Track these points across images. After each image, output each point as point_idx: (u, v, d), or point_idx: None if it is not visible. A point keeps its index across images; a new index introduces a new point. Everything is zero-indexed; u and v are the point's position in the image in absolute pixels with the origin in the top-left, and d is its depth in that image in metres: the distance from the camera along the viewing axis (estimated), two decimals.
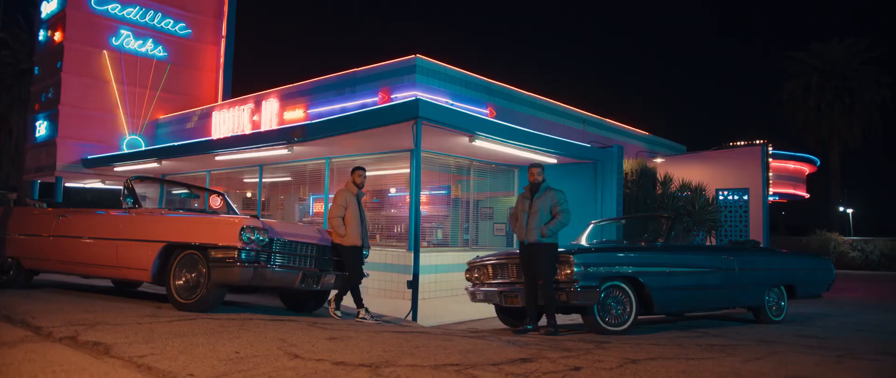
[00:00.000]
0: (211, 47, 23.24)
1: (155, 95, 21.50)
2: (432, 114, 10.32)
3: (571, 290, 7.47)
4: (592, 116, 19.43)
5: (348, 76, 15.23)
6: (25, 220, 9.38)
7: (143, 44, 21.43)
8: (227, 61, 23.09)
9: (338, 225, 8.27)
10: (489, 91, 15.49)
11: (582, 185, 14.27)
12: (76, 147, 19.77)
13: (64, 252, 8.66)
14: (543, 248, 7.66)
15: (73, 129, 19.85)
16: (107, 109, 20.61)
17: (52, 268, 9.06)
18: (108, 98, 20.63)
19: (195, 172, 18.60)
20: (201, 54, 22.97)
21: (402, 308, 10.22)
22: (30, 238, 9.18)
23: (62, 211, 9.08)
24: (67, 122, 19.82)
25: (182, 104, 21.60)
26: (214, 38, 23.34)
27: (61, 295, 8.74)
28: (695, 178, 17.34)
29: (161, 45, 21.87)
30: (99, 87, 20.47)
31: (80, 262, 8.46)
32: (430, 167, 13.89)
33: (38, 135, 20.81)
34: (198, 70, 22.82)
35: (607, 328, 7.65)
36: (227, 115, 18.27)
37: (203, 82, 22.90)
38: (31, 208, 9.55)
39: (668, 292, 8.18)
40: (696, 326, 8.92)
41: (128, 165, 17.89)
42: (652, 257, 8.27)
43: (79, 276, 8.99)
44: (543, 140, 12.74)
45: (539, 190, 7.97)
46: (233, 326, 6.20)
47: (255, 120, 17.29)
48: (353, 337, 6.01)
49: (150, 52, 21.56)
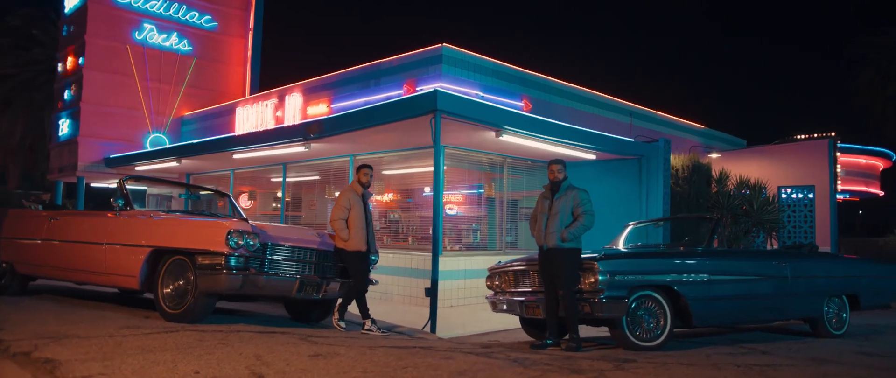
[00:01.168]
0: (238, 40, 23.27)
1: (180, 91, 21.60)
2: (452, 106, 9.95)
3: (596, 300, 7.01)
4: (640, 109, 18.80)
5: (372, 68, 14.97)
6: (18, 223, 9.32)
7: (167, 38, 21.54)
8: (254, 55, 23.08)
9: (340, 228, 7.95)
10: (524, 82, 15.04)
11: (625, 183, 13.75)
12: (98, 146, 19.95)
13: (55, 257, 8.55)
14: (564, 253, 7.21)
15: (96, 128, 20.04)
16: (130, 106, 20.78)
17: (45, 273, 8.96)
18: (131, 95, 20.80)
19: (218, 171, 18.59)
20: (228, 48, 23.01)
21: (425, 317, 9.88)
22: (22, 242, 9.10)
23: (54, 213, 8.97)
24: (89, 119, 20.02)
25: (208, 100, 21.65)
26: (241, 31, 23.36)
27: (52, 303, 8.62)
28: (754, 174, 16.57)
29: (186, 39, 21.95)
30: (122, 84, 20.65)
31: (70, 268, 8.33)
32: (459, 164, 13.54)
33: (60, 134, 21.09)
34: (224, 64, 22.87)
35: (638, 343, 7.17)
36: (250, 112, 18.20)
37: (230, 77, 22.94)
38: (26, 210, 9.47)
39: (708, 303, 7.65)
40: (742, 340, 8.35)
41: (148, 164, 17.96)
42: (690, 263, 7.75)
43: (71, 282, 8.86)
44: (579, 134, 12.25)
45: (560, 189, 7.53)
46: (213, 340, 5.94)
47: (278, 116, 17.18)
48: (342, 353, 5.67)
49: (175, 47, 21.67)
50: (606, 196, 13.76)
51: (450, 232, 14.00)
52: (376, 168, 14.41)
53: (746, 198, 15.61)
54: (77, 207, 19.58)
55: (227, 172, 18.10)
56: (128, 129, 20.55)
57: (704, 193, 15.52)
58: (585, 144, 12.45)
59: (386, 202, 15.28)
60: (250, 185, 18.30)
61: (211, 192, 10.19)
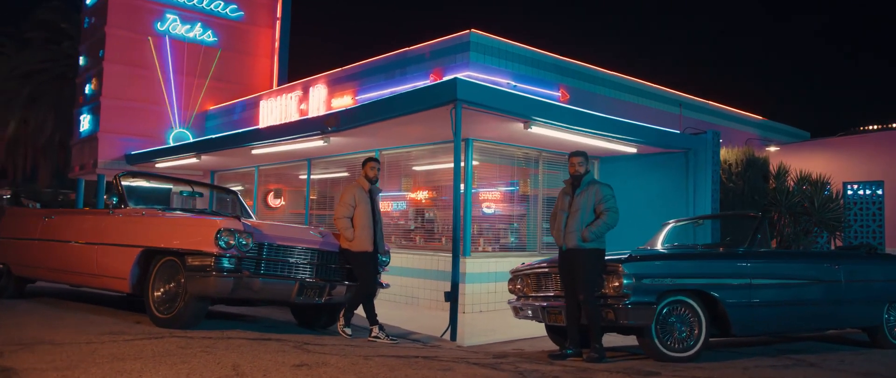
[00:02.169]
0: (265, 30, 23.29)
1: (204, 84, 21.68)
2: (474, 96, 9.67)
3: (620, 306, 6.68)
4: (691, 99, 18.25)
5: (398, 57, 14.78)
6: (14, 223, 9.33)
7: (191, 28, 21.64)
8: (282, 45, 23.07)
9: (344, 226, 7.74)
10: (561, 70, 14.68)
11: (670, 179, 13.32)
12: (119, 142, 20.12)
13: (49, 258, 8.53)
14: (585, 254, 6.90)
15: (116, 123, 20.21)
16: (152, 101, 20.92)
17: (40, 275, 8.96)
18: (153, 88, 20.94)
19: (242, 168, 18.60)
20: (254, 38, 23.05)
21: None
22: (18, 242, 9.11)
23: (49, 211, 8.95)
24: (109, 114, 20.20)
25: (234, 93, 21.68)
26: (269, 21, 23.37)
27: (46, 306, 8.60)
28: (817, 169, 15.92)
29: (210, 30, 22.04)
30: (143, 77, 20.79)
31: (63, 270, 8.30)
32: (491, 159, 13.26)
33: (81, 130, 21.34)
34: (250, 56, 22.91)
35: (668, 353, 6.83)
36: (274, 105, 18.17)
37: (256, 69, 22.97)
38: (22, 209, 9.49)
39: (749, 310, 7.27)
40: (791, 351, 7.93)
41: (168, 161, 18.05)
42: (728, 266, 7.37)
43: (66, 285, 8.83)
44: (618, 125, 11.86)
45: (581, 183, 7.20)
46: (196, 348, 5.80)
47: (303, 109, 17.10)
48: (331, 364, 5.47)
49: (199, 38, 21.76)
50: (649, 193, 13.38)
51: (486, 232, 13.73)
52: (404, 163, 14.26)
53: (807, 194, 15.01)
54: (97, 207, 19.78)
55: (252, 169, 18.08)
56: (149, 125, 20.69)
57: (760, 190, 14.96)
58: (625, 136, 12.04)
59: (421, 200, 15.06)
60: (278, 183, 18.26)
61: (218, 189, 10.05)
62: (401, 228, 14.37)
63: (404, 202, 14.72)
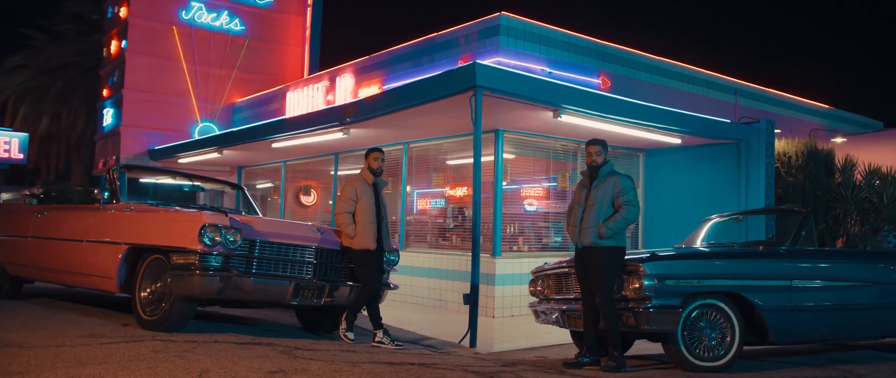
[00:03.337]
0: (295, 18, 23.34)
1: (231, 76, 21.82)
2: (496, 82, 9.44)
3: (641, 310, 6.40)
4: (748, 86, 17.73)
5: (426, 43, 14.65)
6: (9, 220, 9.37)
7: (218, 17, 21.78)
8: (313, 33, 23.10)
9: (345, 223, 7.57)
10: (601, 56, 14.36)
11: (720, 172, 12.91)
12: (142, 137, 20.35)
13: (40, 256, 8.54)
14: (601, 252, 6.62)
15: (139, 117, 20.44)
16: (176, 93, 21.11)
17: (32, 275, 8.99)
18: (177, 80, 21.13)
19: (269, 164, 18.60)
20: (284, 26, 23.12)
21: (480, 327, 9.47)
22: (11, 240, 9.15)
23: (41, 207, 8.97)
24: (132, 108, 20.43)
25: (262, 85, 21.78)
26: (299, 8, 23.42)
27: (39, 307, 8.61)
28: (889, 162, 15.28)
29: (238, 18, 22.15)
30: (167, 68, 20.99)
31: (53, 269, 8.30)
32: (524, 151, 13.00)
33: (104, 124, 21.66)
34: (280, 45, 22.99)
35: (696, 363, 6.54)
36: (301, 96, 18.19)
37: (286, 58, 23.03)
38: (16, 205, 9.54)
39: (789, 315, 6.92)
40: (838, 360, 7.56)
41: (191, 156, 18.13)
42: (766, 266, 7.04)
43: (59, 284, 8.84)
44: (658, 114, 11.49)
45: (599, 175, 6.91)
46: (171, 352, 5.71)
47: (329, 99, 17.06)
48: (310, 371, 5.34)
49: (226, 26, 21.89)
50: (698, 188, 13.00)
51: (527, 230, 13.49)
52: (433, 157, 14.07)
53: (877, 189, 14.43)
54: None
55: (278, 164, 18.09)
56: (174, 119, 20.88)
57: (823, 184, 14.42)
58: (667, 126, 11.66)
59: (460, 197, 14.85)
60: (309, 179, 18.24)
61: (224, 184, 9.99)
62: (439, 227, 14.17)
63: (443, 200, 14.55)
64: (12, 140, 25.77)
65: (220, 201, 10.52)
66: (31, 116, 33.71)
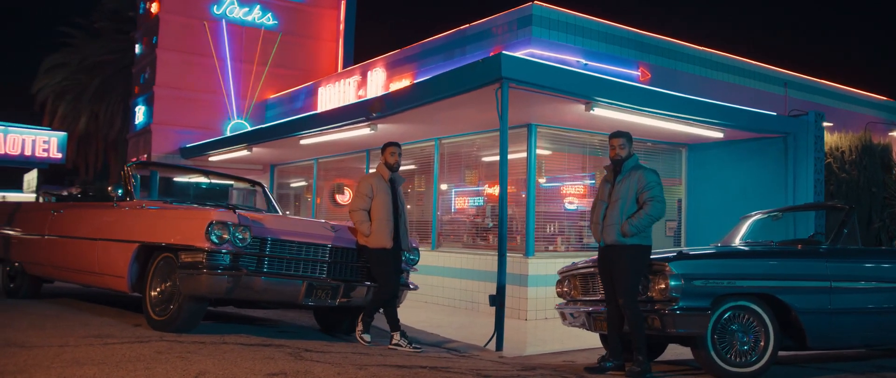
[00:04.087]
0: (329, 12, 23.39)
1: (263, 71, 21.92)
2: (523, 74, 9.29)
3: (667, 312, 6.22)
4: (799, 77, 17.31)
5: (457, 35, 14.56)
6: (27, 218, 9.47)
7: (250, 11, 21.91)
8: (347, 27, 23.12)
9: (360, 220, 7.49)
10: (641, 46, 14.12)
11: (767, 167, 12.61)
12: (173, 135, 20.53)
13: (54, 255, 8.61)
14: (625, 251, 6.45)
15: (170, 114, 20.63)
16: (208, 90, 21.27)
17: (48, 274, 9.07)
18: (209, 77, 21.29)
19: (301, 162, 18.63)
20: (318, 20, 23.17)
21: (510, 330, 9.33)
22: (29, 238, 9.24)
23: (57, 205, 9.05)
24: (163, 105, 20.64)
25: (296, 80, 21.84)
26: (333, 1, 23.42)
27: (55, 307, 8.68)
28: None
29: (270, 12, 22.26)
30: (199, 65, 21.16)
31: (66, 268, 8.36)
32: (560, 147, 12.84)
33: (136, 122, 21.92)
34: (314, 39, 23.05)
35: (727, 368, 6.34)
36: (332, 91, 18.21)
37: (320, 53, 23.08)
38: (35, 203, 9.64)
39: (828, 318, 6.68)
40: (885, 368, 7.30)
41: (221, 154, 18.25)
42: (803, 266, 6.81)
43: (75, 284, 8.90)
44: (698, 106, 11.24)
45: (622, 169, 6.74)
46: (173, 353, 5.72)
47: (361, 94, 17.05)
48: (312, 373, 5.29)
49: (258, 21, 22.01)
50: (743, 184, 12.72)
51: (567, 229, 13.32)
52: (466, 153, 13.96)
53: None
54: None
55: (310, 162, 18.11)
56: (205, 116, 21.04)
57: (880, 180, 14.05)
58: (708, 119, 11.40)
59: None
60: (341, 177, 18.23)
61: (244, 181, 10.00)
62: (477, 227, 14.04)
63: (482, 198, 14.44)
64: (51, 139, 26.16)
65: (252, 200, 10.52)
66: (69, 115, 34.30)
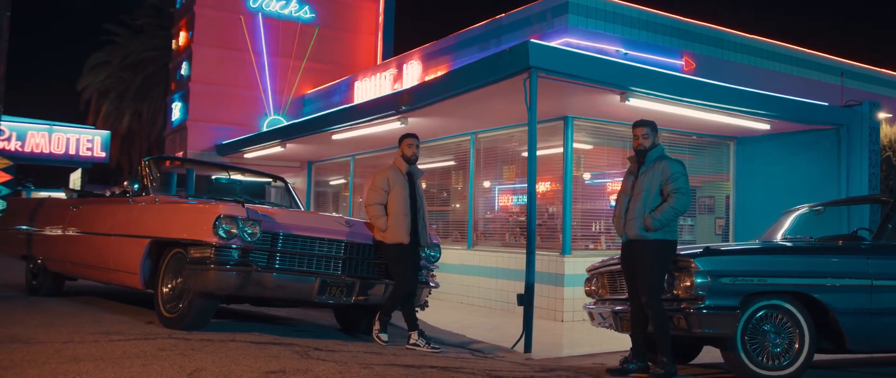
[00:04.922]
0: (368, 4, 23.39)
1: (300, 66, 22.01)
2: (552, 63, 9.11)
3: (692, 311, 6.04)
4: (857, 66, 16.84)
5: (493, 25, 14.45)
6: (49, 214, 9.59)
7: (286, 4, 22.02)
8: (387, 20, 23.12)
9: (376, 214, 7.41)
10: (685, 35, 13.86)
11: (818, 161, 12.28)
12: (209, 131, 20.71)
13: (72, 251, 8.71)
14: (648, 246, 6.27)
15: (206, 110, 20.82)
16: (244, 86, 21.41)
17: (68, 271, 9.16)
18: (245, 72, 21.43)
19: (338, 158, 18.64)
20: (356, 13, 23.20)
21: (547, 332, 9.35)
22: (49, 235, 9.36)
23: (76, 201, 9.15)
24: (199, 101, 20.83)
25: (334, 75, 21.90)
26: None
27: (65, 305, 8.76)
28: None
29: (307, 5, 22.33)
30: (235, 59, 21.31)
31: (84, 264, 8.44)
32: (601, 141, 12.63)
33: (173, 118, 22.18)
34: (352, 32, 23.09)
35: (758, 371, 6.13)
36: (368, 85, 18.23)
37: (359, 47, 23.10)
38: (57, 199, 9.78)
39: (870, 318, 6.43)
40: None
41: (256, 151, 18.35)
42: (842, 263, 6.55)
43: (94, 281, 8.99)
44: (742, 96, 10.95)
45: (646, 160, 6.55)
46: (176, 351, 5.74)
47: (396, 88, 17.01)
48: (313, 372, 5.23)
49: (295, 14, 22.10)
50: (793, 179, 12.40)
51: (610, 229, 13.12)
52: (503, 148, 13.81)
53: None
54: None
55: (347, 159, 18.11)
56: (242, 112, 21.19)
57: None
58: (753, 110, 11.10)
59: (542, 192, 14.56)
60: None
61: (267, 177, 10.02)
62: (520, 225, 13.90)
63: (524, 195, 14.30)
64: (94, 138, 26.67)
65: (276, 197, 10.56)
66: (113, 114, 34.93)
